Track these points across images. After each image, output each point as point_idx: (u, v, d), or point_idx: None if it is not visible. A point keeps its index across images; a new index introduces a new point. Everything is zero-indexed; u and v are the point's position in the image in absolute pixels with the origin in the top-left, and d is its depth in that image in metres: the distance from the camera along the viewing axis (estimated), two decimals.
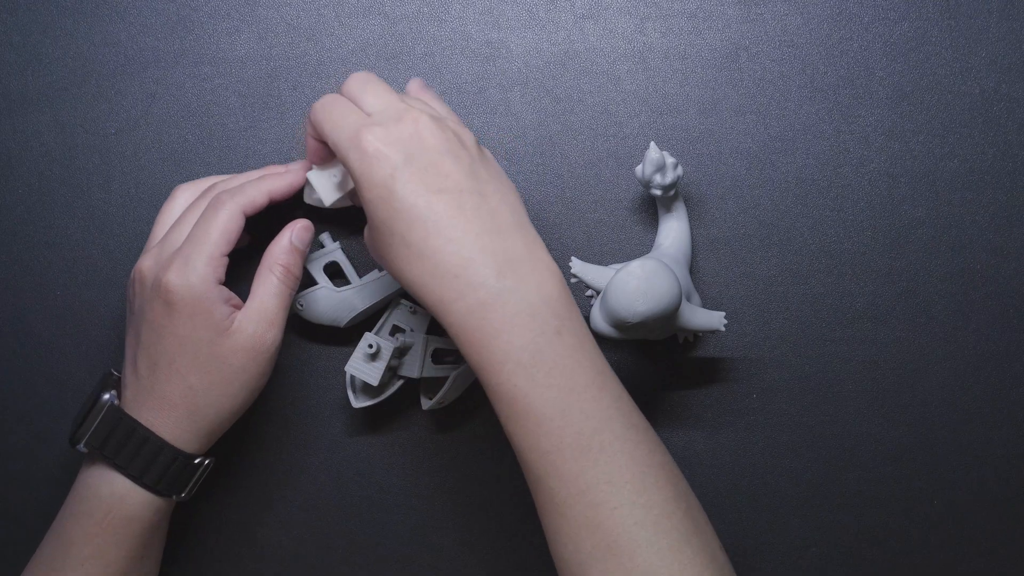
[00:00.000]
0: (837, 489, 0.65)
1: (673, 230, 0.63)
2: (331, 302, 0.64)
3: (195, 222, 0.59)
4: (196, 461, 0.58)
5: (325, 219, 0.65)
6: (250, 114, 0.67)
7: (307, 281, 0.64)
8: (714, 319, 0.59)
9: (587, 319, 0.55)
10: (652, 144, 0.60)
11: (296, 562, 0.65)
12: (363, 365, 0.61)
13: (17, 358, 0.67)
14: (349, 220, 0.66)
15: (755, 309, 0.66)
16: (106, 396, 0.58)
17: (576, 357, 0.51)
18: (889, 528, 0.65)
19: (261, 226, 0.63)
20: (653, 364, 0.66)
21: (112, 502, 0.57)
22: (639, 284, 0.55)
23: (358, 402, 0.63)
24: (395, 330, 0.65)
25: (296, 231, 0.60)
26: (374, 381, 0.61)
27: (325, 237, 0.65)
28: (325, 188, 0.61)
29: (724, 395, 0.65)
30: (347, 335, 0.65)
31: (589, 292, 0.64)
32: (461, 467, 0.65)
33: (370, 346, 0.60)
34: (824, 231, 0.66)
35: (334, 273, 0.65)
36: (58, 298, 0.67)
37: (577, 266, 0.59)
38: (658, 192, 0.61)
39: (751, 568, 0.64)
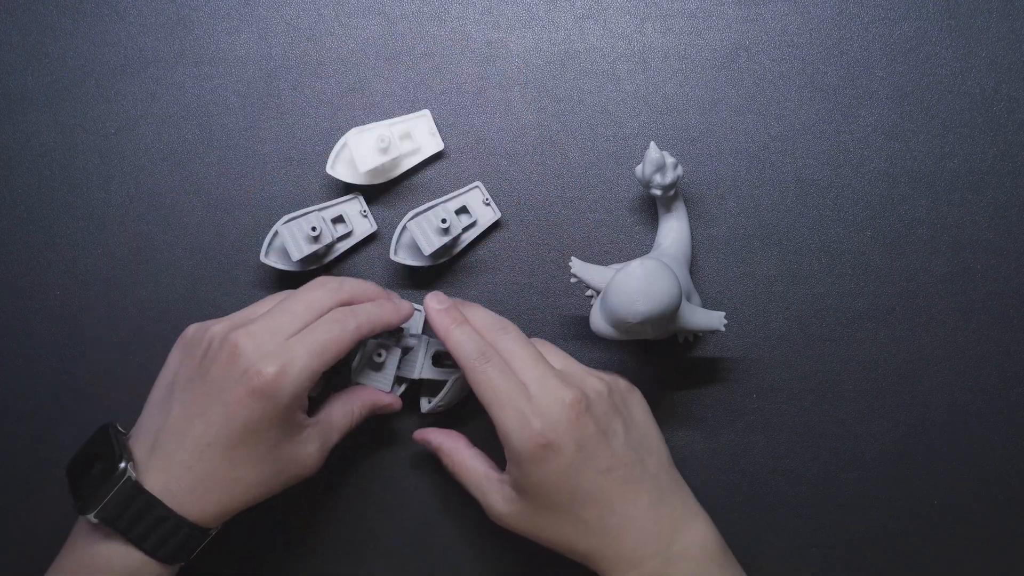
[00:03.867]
0: (837, 489, 0.65)
1: (673, 230, 0.63)
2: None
3: (314, 323, 0.57)
4: (210, 531, 0.56)
5: None
6: (250, 114, 0.67)
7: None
8: (714, 319, 0.59)
9: (587, 319, 0.55)
10: (652, 144, 0.60)
11: (295, 562, 0.65)
12: (373, 374, 0.62)
13: (17, 358, 0.66)
14: None
15: (755, 309, 0.66)
16: (122, 465, 0.54)
17: None
18: (889, 528, 0.65)
19: None
20: (653, 364, 0.66)
21: (125, 575, 0.54)
22: (639, 284, 0.54)
23: None
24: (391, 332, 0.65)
25: (395, 404, 0.63)
26: (387, 387, 0.62)
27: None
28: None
29: (724, 395, 0.65)
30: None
31: (589, 292, 0.64)
32: None
33: (379, 355, 0.61)
34: (824, 231, 0.66)
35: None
36: (58, 298, 0.67)
37: (577, 266, 0.59)
38: (658, 192, 0.61)
39: (751, 568, 0.64)
